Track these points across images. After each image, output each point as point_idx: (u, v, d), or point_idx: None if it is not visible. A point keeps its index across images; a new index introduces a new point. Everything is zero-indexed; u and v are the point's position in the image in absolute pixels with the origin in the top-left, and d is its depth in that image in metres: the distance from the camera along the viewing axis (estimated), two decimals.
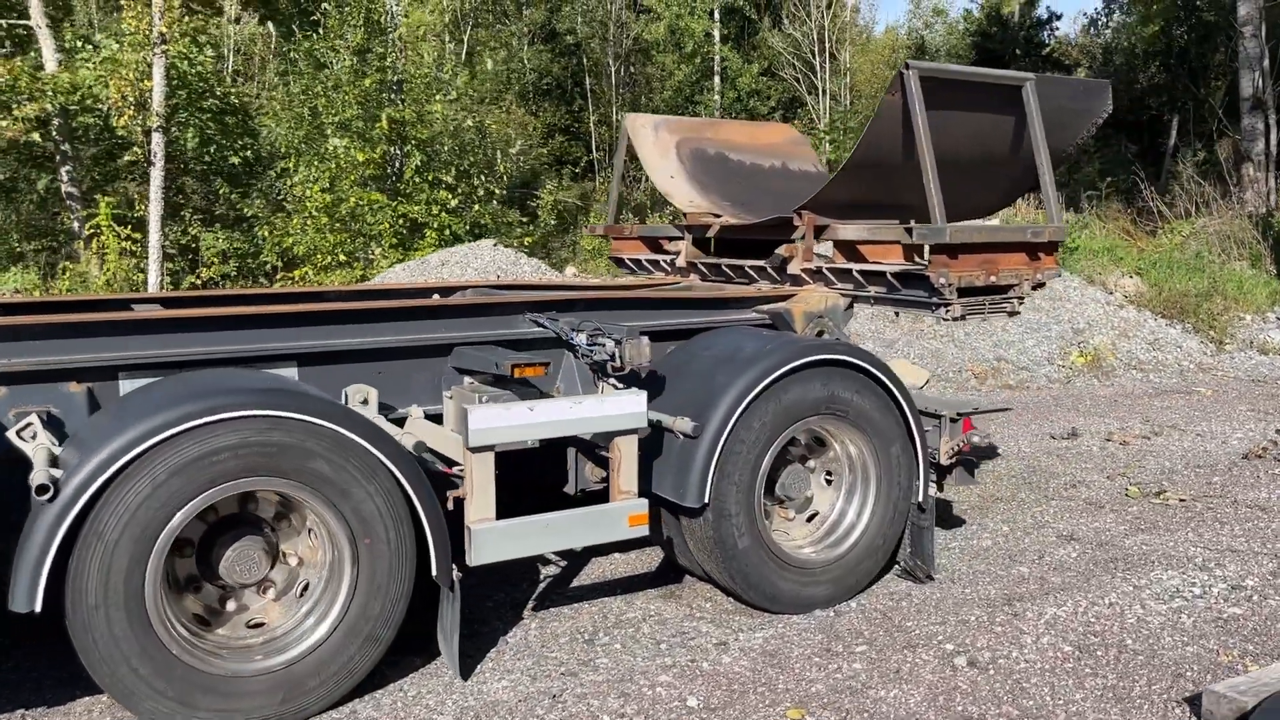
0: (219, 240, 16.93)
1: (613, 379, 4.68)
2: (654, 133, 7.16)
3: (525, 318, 4.87)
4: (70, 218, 17.22)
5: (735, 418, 4.49)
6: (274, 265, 16.50)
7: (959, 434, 5.25)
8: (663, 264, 6.94)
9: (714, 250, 6.64)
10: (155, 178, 15.16)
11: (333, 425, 3.70)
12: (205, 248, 17.06)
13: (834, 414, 4.79)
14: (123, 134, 16.12)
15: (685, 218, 6.74)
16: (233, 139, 17.61)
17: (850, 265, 5.46)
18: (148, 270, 15.03)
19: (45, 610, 3.31)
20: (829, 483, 5.07)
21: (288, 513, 3.94)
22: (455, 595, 4.01)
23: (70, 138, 17.06)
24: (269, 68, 25.25)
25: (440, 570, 3.94)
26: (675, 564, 5.11)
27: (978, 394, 10.43)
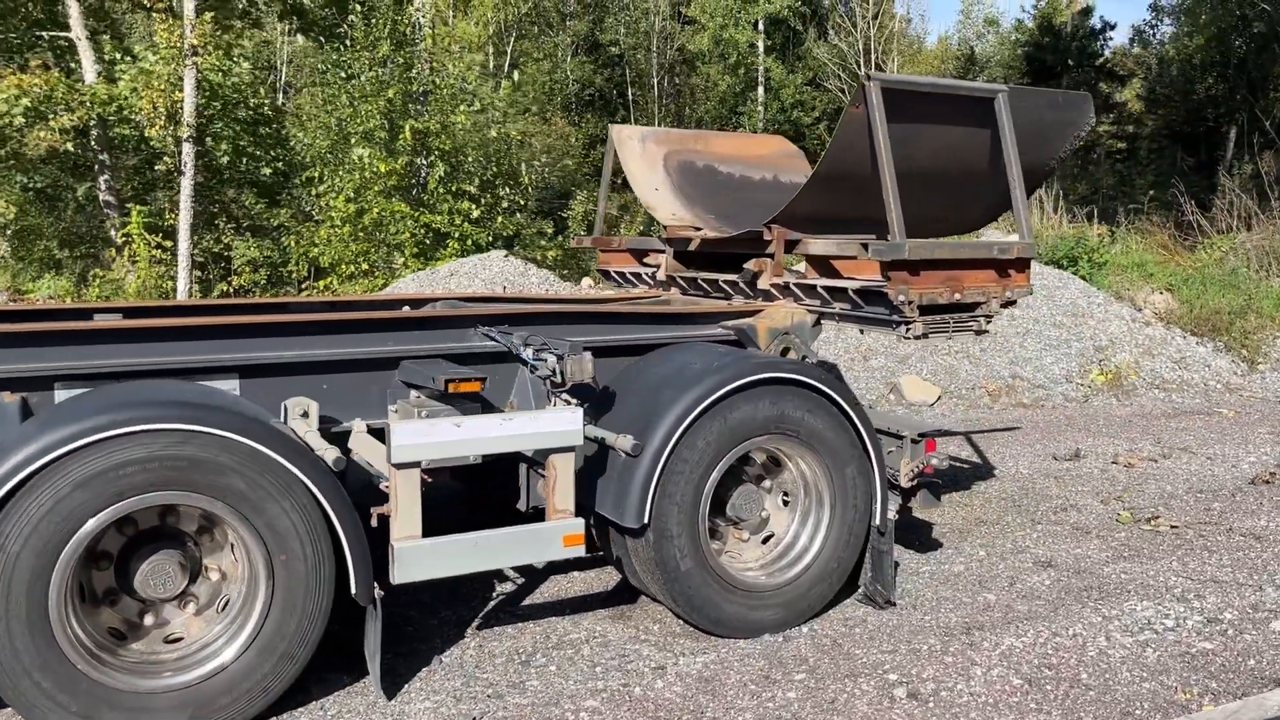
0: (250, 249, 17.20)
1: (564, 394, 4.61)
2: (641, 144, 7.07)
3: (477, 331, 4.83)
4: (109, 226, 17.58)
5: (677, 436, 4.39)
6: (303, 275, 16.70)
7: (920, 454, 5.09)
8: (645, 277, 6.85)
9: (696, 264, 6.53)
10: (185, 187, 15.43)
11: (247, 440, 3.66)
12: (238, 256, 17.35)
13: (784, 434, 4.67)
14: (156, 144, 16.47)
15: (665, 230, 6.63)
16: (266, 149, 17.91)
17: (816, 281, 5.33)
18: (177, 278, 15.28)
19: None
20: (785, 504, 4.94)
21: (211, 527, 3.91)
22: (378, 614, 3.95)
23: (108, 147, 17.47)
24: (318, 79, 25.63)
25: (360, 588, 3.89)
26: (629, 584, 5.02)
27: (990, 412, 10.18)
